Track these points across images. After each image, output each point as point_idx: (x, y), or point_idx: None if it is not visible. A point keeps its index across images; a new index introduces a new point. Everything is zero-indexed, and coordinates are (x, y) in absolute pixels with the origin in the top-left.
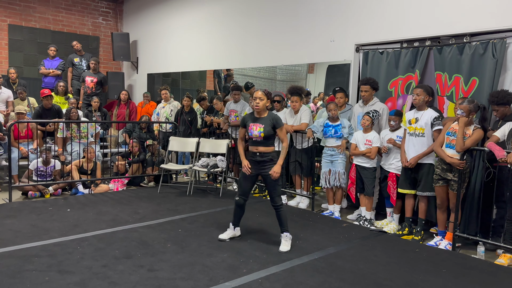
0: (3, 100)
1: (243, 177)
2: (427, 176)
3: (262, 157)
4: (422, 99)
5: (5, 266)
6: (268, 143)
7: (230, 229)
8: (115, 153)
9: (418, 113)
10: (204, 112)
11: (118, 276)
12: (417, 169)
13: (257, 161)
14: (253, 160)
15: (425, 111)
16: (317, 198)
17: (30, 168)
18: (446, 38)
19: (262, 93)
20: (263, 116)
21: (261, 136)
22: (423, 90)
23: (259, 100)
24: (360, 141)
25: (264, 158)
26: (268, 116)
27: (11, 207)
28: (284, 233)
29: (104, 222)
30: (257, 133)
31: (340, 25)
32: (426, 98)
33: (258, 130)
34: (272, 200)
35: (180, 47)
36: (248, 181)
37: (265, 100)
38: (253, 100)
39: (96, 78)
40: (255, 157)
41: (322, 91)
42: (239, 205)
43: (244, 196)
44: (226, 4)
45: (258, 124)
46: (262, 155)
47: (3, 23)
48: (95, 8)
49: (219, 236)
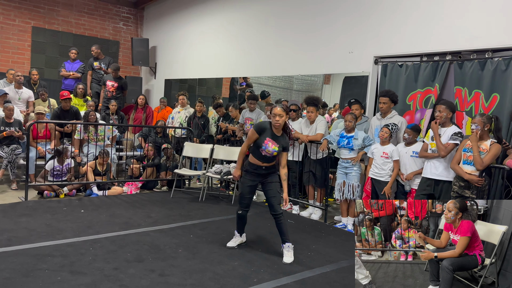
0: (23, 100)
1: (244, 190)
2: (446, 194)
3: (267, 170)
4: (444, 115)
5: (19, 264)
6: (274, 160)
7: (237, 237)
8: (130, 156)
9: (441, 129)
10: (220, 119)
11: (129, 279)
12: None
13: (262, 174)
14: (257, 172)
15: (449, 127)
16: (330, 210)
17: (47, 168)
18: (467, 53)
19: (281, 109)
20: (280, 134)
21: (273, 154)
22: (446, 107)
23: (279, 117)
24: (376, 154)
25: (269, 171)
26: (283, 137)
27: (27, 206)
28: (286, 243)
29: (116, 225)
30: (271, 150)
31: (359, 37)
32: (449, 115)
33: (273, 148)
34: (272, 208)
35: (198, 53)
36: (249, 193)
37: (284, 116)
38: (272, 117)
39: (117, 83)
40: (260, 170)
41: (337, 102)
42: (241, 217)
43: (246, 209)
44: (245, 12)
45: (275, 143)
46: (267, 168)
47: (27, 25)
48: (116, 13)
49: (227, 244)
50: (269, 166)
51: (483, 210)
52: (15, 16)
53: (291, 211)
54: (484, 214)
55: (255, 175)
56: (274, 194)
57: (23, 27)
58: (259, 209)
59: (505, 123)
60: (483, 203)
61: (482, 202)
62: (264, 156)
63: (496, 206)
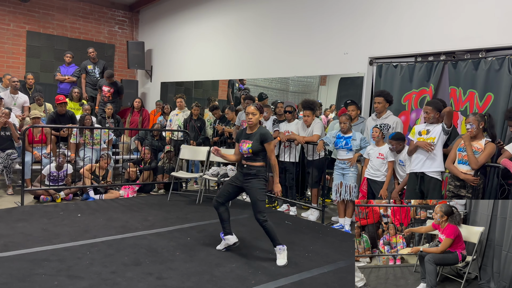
0: (19, 105)
1: (225, 186)
2: (433, 192)
3: (248, 169)
4: (432, 116)
5: (16, 269)
6: (256, 159)
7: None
8: (127, 160)
9: (430, 125)
10: (216, 121)
11: (127, 283)
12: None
13: (243, 173)
14: (240, 172)
15: (438, 125)
16: (327, 211)
17: (43, 173)
18: (461, 53)
19: (255, 108)
20: (254, 131)
21: (250, 152)
22: (433, 108)
23: (252, 115)
24: (372, 155)
25: (249, 171)
26: (257, 131)
27: (23, 211)
28: (277, 246)
29: (114, 228)
30: (246, 149)
31: (354, 38)
32: (437, 116)
33: (247, 147)
34: (255, 216)
35: (193, 56)
36: (228, 187)
37: (257, 114)
38: (245, 115)
39: (113, 88)
40: (242, 169)
41: (333, 103)
42: (216, 208)
43: (218, 198)
44: (241, 15)
45: (248, 141)
46: (248, 167)
47: (22, 29)
48: (111, 17)
49: (217, 247)
50: (250, 165)
51: (463, 215)
52: (9, 21)
53: (289, 213)
54: (464, 218)
55: (238, 174)
56: (253, 201)
57: (17, 32)
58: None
59: (499, 122)
60: (462, 208)
61: (461, 208)
62: (246, 157)
63: (473, 210)
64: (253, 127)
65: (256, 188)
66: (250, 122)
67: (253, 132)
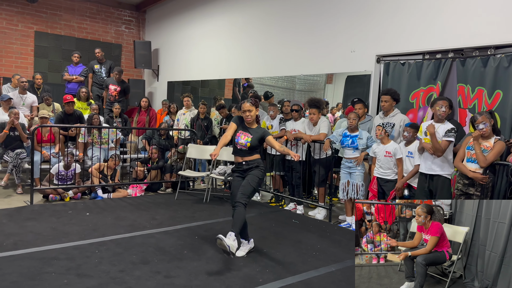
0: (28, 104)
1: (234, 189)
2: (442, 190)
3: (248, 165)
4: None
5: (25, 268)
6: (252, 153)
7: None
8: (134, 159)
9: (436, 124)
10: (223, 120)
11: (135, 281)
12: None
13: (244, 169)
14: (239, 169)
15: (444, 124)
16: (334, 209)
17: (52, 172)
18: (469, 50)
19: (250, 104)
20: (253, 127)
21: (247, 146)
22: (448, 104)
23: (248, 112)
24: (379, 153)
25: (250, 165)
26: (258, 128)
27: (32, 210)
28: (242, 239)
29: (122, 227)
30: (244, 142)
31: (361, 36)
32: (449, 112)
33: (246, 140)
34: (237, 196)
35: (200, 55)
36: (238, 184)
37: (254, 110)
38: (242, 113)
39: (119, 87)
40: (241, 166)
41: (340, 102)
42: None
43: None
44: (247, 14)
45: (247, 134)
46: (248, 163)
47: (30, 30)
48: (118, 17)
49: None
50: (249, 160)
51: (448, 215)
52: (18, 21)
53: (296, 211)
54: (449, 218)
55: (239, 172)
56: (244, 183)
57: (26, 32)
58: (263, 209)
59: (509, 119)
60: (448, 208)
61: (447, 208)
62: (240, 149)
63: (459, 210)
64: (252, 123)
65: (254, 175)
66: (249, 119)
67: (252, 127)
